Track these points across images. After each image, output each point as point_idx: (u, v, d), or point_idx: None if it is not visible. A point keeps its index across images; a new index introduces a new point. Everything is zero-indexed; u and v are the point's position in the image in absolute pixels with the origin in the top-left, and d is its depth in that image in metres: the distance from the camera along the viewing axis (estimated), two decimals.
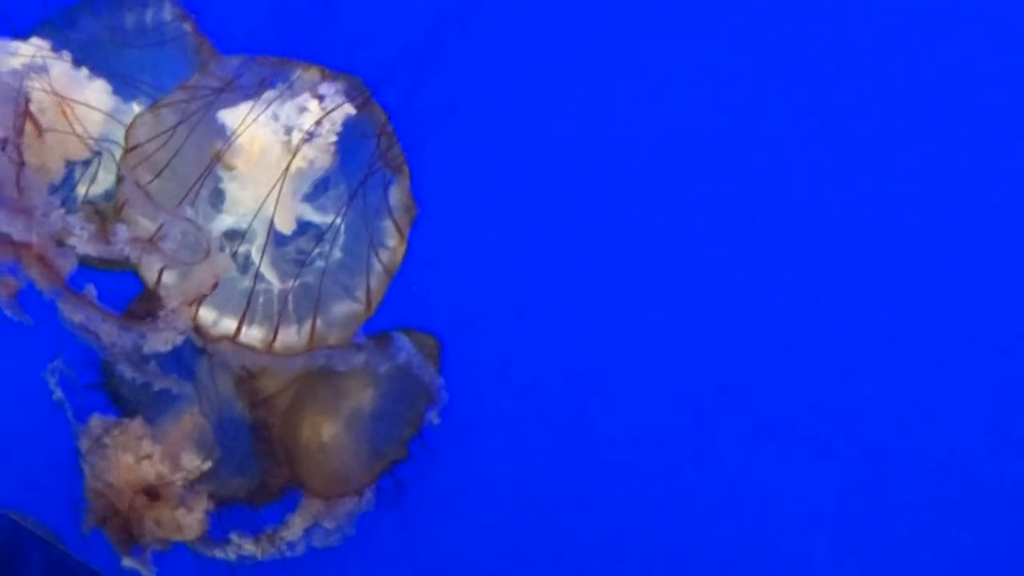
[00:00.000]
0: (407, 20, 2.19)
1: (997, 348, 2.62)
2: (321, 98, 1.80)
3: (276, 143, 1.79)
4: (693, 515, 2.56)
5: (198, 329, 1.77)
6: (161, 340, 1.77)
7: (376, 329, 1.88)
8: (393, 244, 1.83)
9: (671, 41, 2.59)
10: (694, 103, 2.59)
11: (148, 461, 1.92)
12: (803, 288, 2.60)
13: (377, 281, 1.82)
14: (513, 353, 2.45)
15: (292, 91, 1.82)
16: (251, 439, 1.95)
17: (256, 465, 1.96)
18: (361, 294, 1.82)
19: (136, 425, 1.93)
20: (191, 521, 1.96)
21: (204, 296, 1.77)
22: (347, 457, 1.92)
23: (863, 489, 2.61)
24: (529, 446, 2.47)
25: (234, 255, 1.80)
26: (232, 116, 1.80)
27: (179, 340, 1.77)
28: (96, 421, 1.94)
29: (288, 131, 1.79)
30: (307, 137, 1.78)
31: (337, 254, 1.83)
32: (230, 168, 1.80)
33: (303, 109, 1.80)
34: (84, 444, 1.94)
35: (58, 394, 1.97)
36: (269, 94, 1.82)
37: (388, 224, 1.84)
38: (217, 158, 1.79)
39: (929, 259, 2.64)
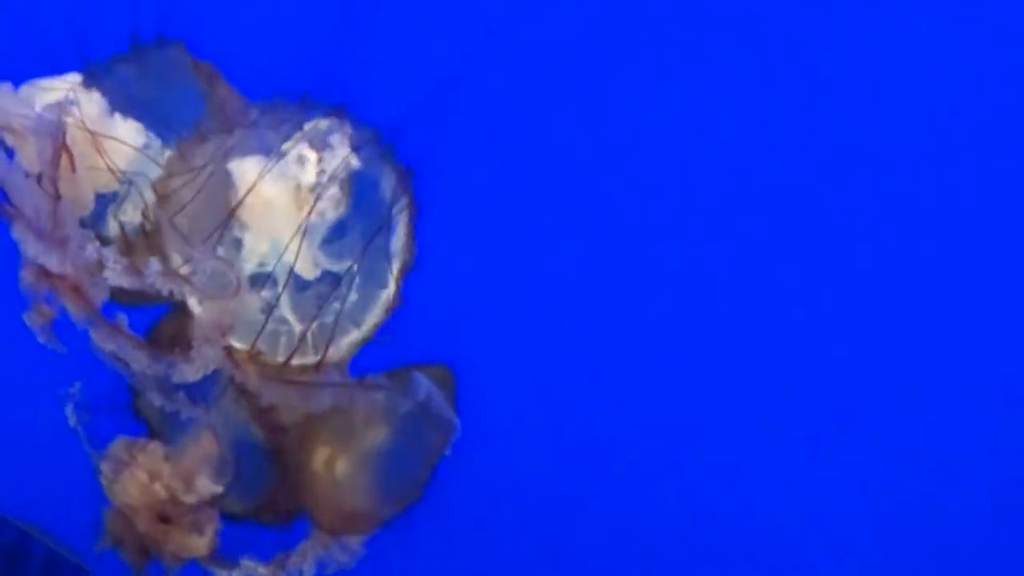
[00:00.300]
0: (421, 70, 2.27)
1: (998, 351, 2.65)
2: (326, 149, 1.89)
3: (282, 196, 1.88)
4: (704, 540, 2.61)
5: (229, 360, 1.85)
6: (192, 370, 1.85)
7: (390, 363, 1.96)
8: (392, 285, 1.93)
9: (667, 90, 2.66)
10: (687, 160, 2.66)
11: (164, 482, 2.00)
12: (813, 333, 2.65)
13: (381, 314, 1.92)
14: (521, 380, 2.51)
15: (300, 142, 1.90)
16: (266, 466, 2.03)
17: (269, 491, 2.04)
18: (368, 327, 1.91)
19: (155, 446, 2.01)
20: (201, 541, 2.04)
21: (233, 330, 1.85)
22: (358, 496, 1.99)
23: (876, 497, 2.64)
24: (537, 472, 2.53)
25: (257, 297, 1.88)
26: (242, 167, 1.89)
27: (209, 370, 1.85)
28: (118, 442, 2.01)
29: (293, 184, 1.87)
30: (314, 189, 1.86)
31: (353, 296, 1.91)
32: (241, 220, 1.88)
33: (305, 161, 1.89)
34: (104, 464, 2.01)
35: (73, 419, 2.04)
36: (279, 144, 1.90)
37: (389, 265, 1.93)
38: (229, 211, 1.87)
39: (927, 264, 2.68)
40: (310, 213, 1.87)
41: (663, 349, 2.58)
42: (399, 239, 1.92)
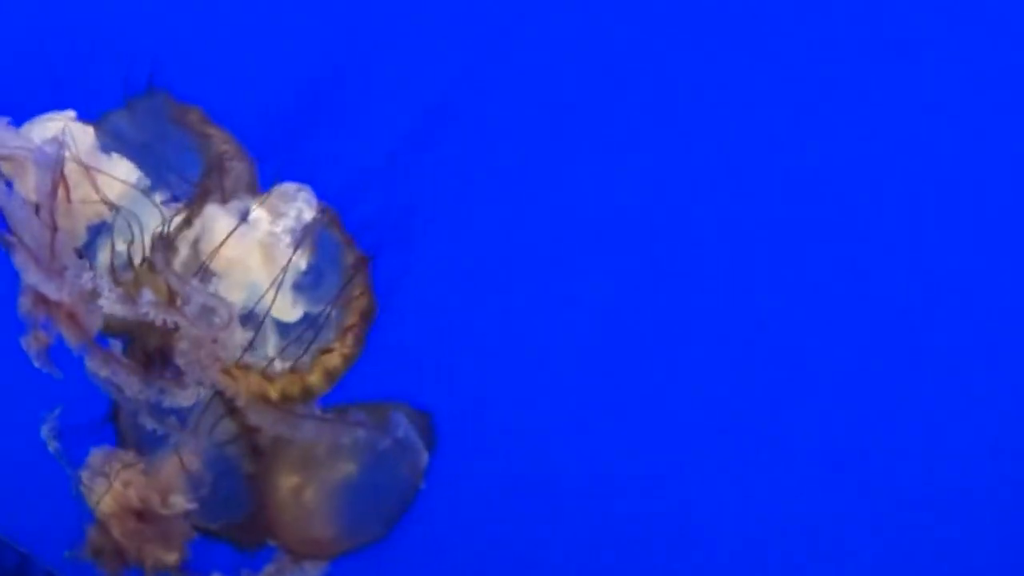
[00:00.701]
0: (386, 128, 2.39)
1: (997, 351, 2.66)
2: (285, 212, 2.03)
3: (247, 255, 2.01)
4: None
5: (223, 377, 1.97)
6: (184, 396, 1.97)
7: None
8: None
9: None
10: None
11: (139, 493, 2.11)
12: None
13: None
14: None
15: (262, 205, 2.04)
16: (239, 488, 2.15)
17: (240, 512, 2.16)
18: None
19: (132, 458, 2.12)
20: (172, 555, 2.15)
21: (224, 359, 1.98)
22: (325, 525, 2.11)
23: (872, 498, 2.65)
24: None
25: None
26: (214, 223, 2.02)
27: (201, 397, 1.98)
28: (96, 452, 2.12)
29: (255, 244, 2.01)
30: (277, 248, 2.00)
31: (330, 335, 2.05)
32: (214, 272, 2.01)
33: (262, 223, 2.02)
34: (82, 473, 2.12)
35: (52, 444, 2.15)
36: (245, 204, 2.04)
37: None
38: (200, 264, 2.00)
39: (926, 265, 2.67)
40: (280, 269, 1.99)
41: (635, 398, 2.63)
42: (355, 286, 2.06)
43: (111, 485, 2.11)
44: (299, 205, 2.03)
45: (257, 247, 2.00)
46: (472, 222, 2.50)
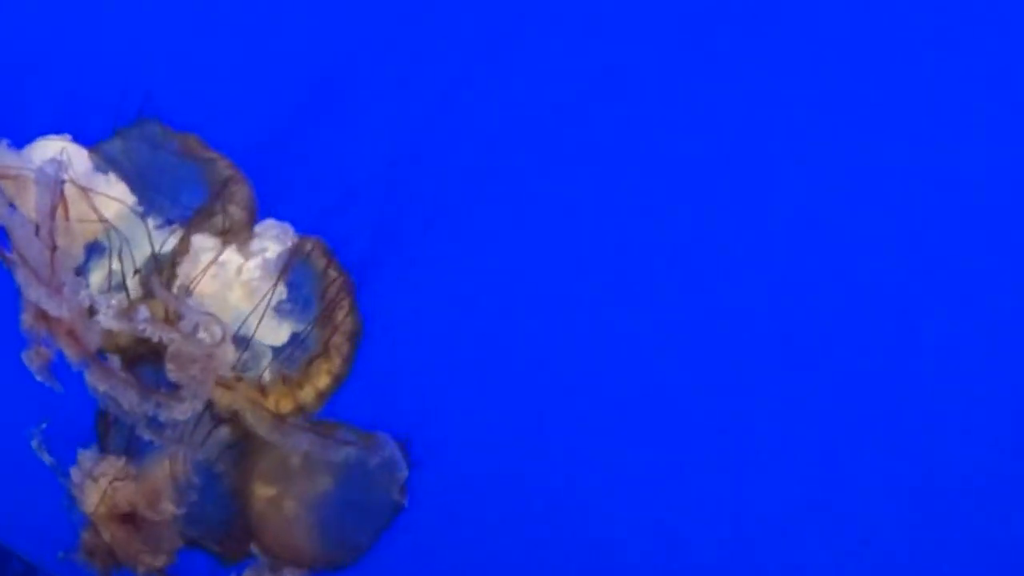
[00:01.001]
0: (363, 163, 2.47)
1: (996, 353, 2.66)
2: (263, 247, 2.14)
3: (224, 289, 2.12)
4: None
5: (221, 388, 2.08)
6: (181, 411, 2.07)
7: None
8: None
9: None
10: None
11: (128, 497, 2.21)
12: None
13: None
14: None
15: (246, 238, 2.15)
16: (225, 498, 2.25)
17: (224, 522, 2.27)
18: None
19: (122, 463, 2.22)
20: (158, 557, 2.26)
21: (217, 374, 2.08)
22: (305, 535, 2.22)
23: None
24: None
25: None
26: (202, 250, 2.13)
27: (197, 411, 2.08)
28: (86, 456, 2.22)
29: (231, 278, 2.12)
30: (254, 281, 2.11)
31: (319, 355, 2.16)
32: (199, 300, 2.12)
33: (235, 262, 2.13)
34: (75, 480, 2.22)
35: (45, 455, 2.24)
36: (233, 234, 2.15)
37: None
38: (188, 287, 2.11)
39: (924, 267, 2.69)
40: (261, 298, 2.10)
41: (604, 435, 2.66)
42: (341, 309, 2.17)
43: (101, 489, 2.20)
44: (280, 238, 2.14)
45: (237, 280, 2.11)
46: (457, 243, 2.58)
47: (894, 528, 2.64)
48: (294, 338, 2.12)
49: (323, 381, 2.11)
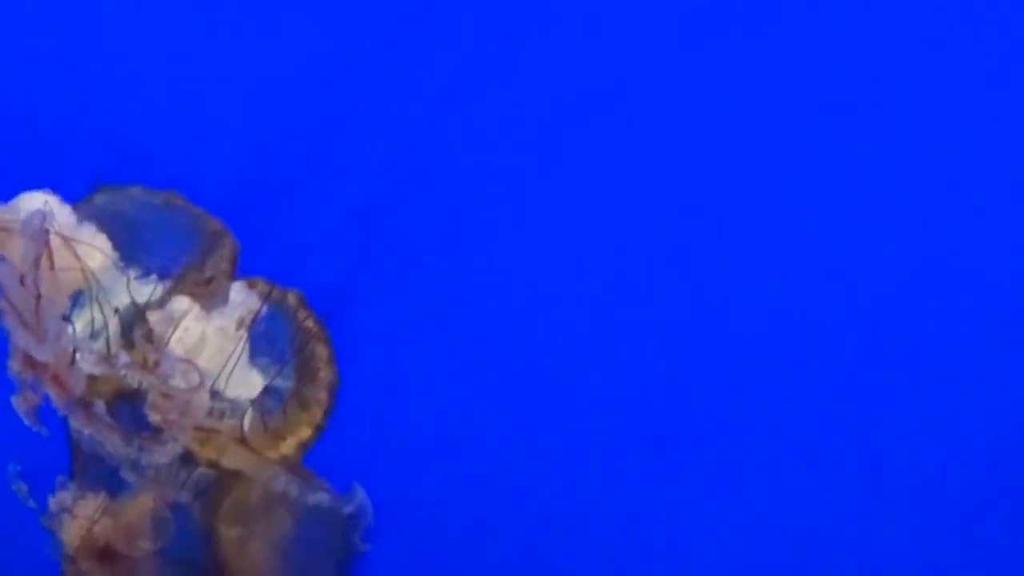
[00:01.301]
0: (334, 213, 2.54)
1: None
2: (233, 303, 2.25)
3: (199, 338, 2.23)
4: None
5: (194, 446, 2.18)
6: (163, 454, 2.17)
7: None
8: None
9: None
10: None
11: (104, 533, 2.30)
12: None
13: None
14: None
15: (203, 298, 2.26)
16: (196, 537, 2.34)
17: (198, 558, 2.36)
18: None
19: (99, 500, 2.30)
20: None
21: (197, 421, 2.19)
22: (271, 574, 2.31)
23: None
24: None
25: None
26: (179, 305, 2.24)
27: (178, 454, 2.18)
28: (63, 491, 2.30)
29: (209, 328, 2.23)
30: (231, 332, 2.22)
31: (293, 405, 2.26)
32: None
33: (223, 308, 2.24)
34: (52, 511, 2.30)
35: (24, 494, 2.32)
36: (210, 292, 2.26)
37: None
38: (161, 339, 2.21)
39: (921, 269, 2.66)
40: (237, 349, 2.21)
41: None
42: (319, 361, 2.27)
43: (79, 524, 2.29)
44: (259, 289, 2.25)
45: (216, 331, 2.22)
46: (431, 290, 2.60)
47: (894, 528, 2.63)
48: (274, 391, 2.23)
49: (305, 433, 2.21)
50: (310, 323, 2.24)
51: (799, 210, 2.66)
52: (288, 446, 2.19)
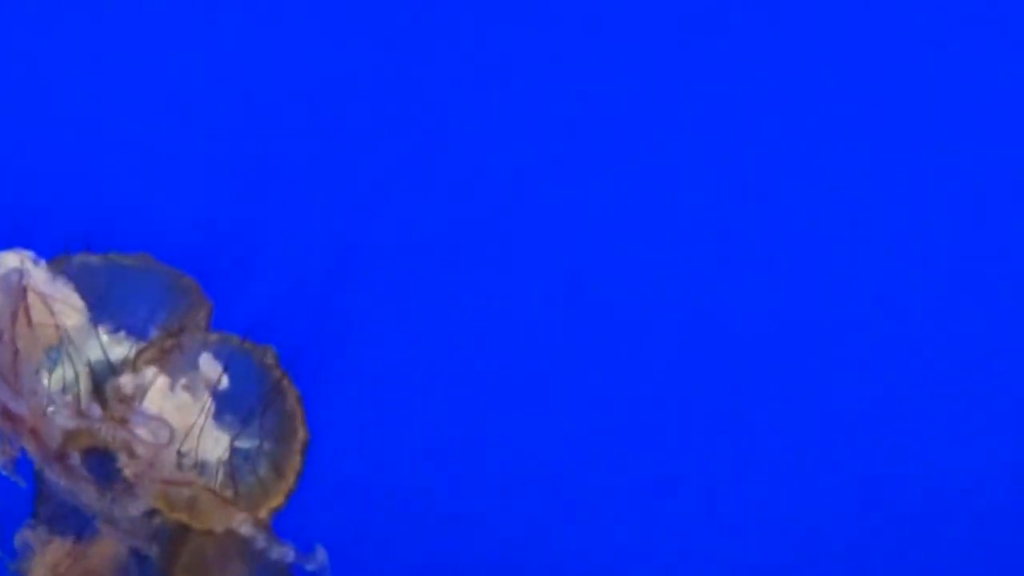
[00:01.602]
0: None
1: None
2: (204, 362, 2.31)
3: (167, 407, 2.30)
4: None
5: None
6: (136, 506, 2.24)
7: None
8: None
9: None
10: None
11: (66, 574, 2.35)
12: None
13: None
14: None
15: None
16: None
17: None
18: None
19: (65, 543, 2.36)
20: None
21: (168, 476, 2.26)
22: None
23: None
24: None
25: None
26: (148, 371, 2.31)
27: (149, 507, 2.25)
28: (27, 531, 2.36)
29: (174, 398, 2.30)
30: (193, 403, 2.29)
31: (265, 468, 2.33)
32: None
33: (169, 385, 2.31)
34: (18, 552, 2.35)
35: None
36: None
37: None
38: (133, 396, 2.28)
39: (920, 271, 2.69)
40: (205, 410, 2.27)
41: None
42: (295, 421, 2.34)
43: (46, 565, 2.34)
44: (231, 348, 2.32)
45: (186, 389, 2.28)
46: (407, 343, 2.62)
47: (894, 530, 2.63)
48: (243, 451, 2.29)
49: (278, 500, 2.28)
50: (284, 381, 2.31)
51: (799, 210, 2.66)
52: (261, 511, 2.25)
